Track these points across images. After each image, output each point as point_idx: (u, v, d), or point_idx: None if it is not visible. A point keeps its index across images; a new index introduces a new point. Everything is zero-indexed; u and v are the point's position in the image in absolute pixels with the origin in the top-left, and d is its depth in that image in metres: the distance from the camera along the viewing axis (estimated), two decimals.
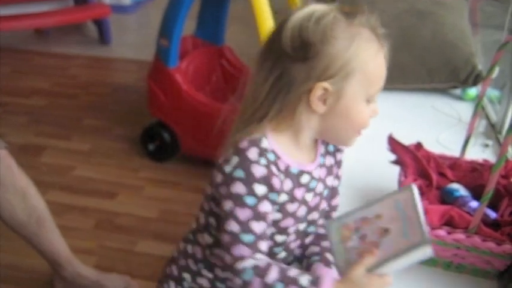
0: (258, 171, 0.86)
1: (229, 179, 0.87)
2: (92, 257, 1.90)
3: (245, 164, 0.86)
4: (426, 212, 1.01)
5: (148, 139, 2.40)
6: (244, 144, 0.87)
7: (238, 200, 0.87)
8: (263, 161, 0.87)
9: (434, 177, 1.17)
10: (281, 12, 2.27)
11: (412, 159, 1.17)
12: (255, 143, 0.87)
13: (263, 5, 2.00)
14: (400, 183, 1.12)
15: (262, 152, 0.87)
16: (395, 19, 1.68)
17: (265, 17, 2.00)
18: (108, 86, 3.15)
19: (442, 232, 1.01)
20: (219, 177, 0.89)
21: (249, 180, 0.86)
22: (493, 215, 1.08)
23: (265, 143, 0.88)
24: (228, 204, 0.88)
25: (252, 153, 0.87)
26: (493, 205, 1.09)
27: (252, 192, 0.86)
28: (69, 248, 1.70)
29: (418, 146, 1.20)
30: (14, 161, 1.57)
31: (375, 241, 0.87)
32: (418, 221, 0.84)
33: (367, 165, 1.32)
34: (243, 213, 0.87)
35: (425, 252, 0.82)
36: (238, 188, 0.87)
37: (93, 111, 2.85)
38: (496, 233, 1.00)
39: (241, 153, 0.87)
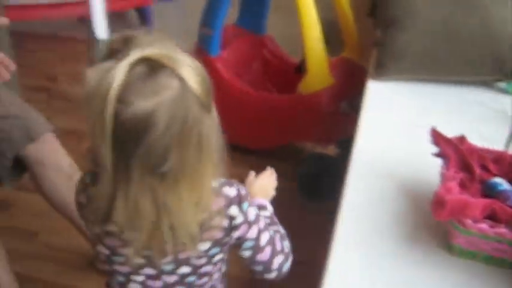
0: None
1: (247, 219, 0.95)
2: None
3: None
4: (468, 205, 1.01)
5: None
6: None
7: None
8: None
9: (477, 170, 1.16)
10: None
11: (454, 152, 1.16)
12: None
13: None
14: (442, 176, 1.11)
15: None
16: (437, 10, 1.65)
17: (308, 6, 2.00)
18: None
19: (484, 225, 1.00)
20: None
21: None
22: None
23: None
24: (265, 236, 1.00)
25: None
26: None
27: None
28: None
29: (461, 139, 1.19)
30: (60, 145, 1.62)
31: None
32: None
33: (409, 157, 1.31)
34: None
35: None
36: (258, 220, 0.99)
37: None
38: None
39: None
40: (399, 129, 1.44)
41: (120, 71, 0.76)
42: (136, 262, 0.93)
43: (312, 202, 2.17)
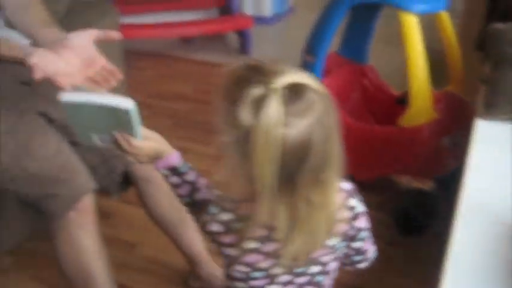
0: None
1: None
2: None
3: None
4: None
5: None
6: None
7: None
8: None
9: None
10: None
11: None
12: None
13: (413, 27, 1.97)
14: None
15: None
16: None
17: (415, 38, 1.98)
18: None
19: None
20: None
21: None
22: None
23: None
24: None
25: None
26: None
27: None
28: (207, 250, 1.77)
29: None
30: None
31: None
32: None
33: None
34: None
35: None
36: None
37: None
38: None
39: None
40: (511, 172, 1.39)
41: (275, 98, 0.82)
42: (275, 271, 0.99)
43: (406, 237, 2.12)
